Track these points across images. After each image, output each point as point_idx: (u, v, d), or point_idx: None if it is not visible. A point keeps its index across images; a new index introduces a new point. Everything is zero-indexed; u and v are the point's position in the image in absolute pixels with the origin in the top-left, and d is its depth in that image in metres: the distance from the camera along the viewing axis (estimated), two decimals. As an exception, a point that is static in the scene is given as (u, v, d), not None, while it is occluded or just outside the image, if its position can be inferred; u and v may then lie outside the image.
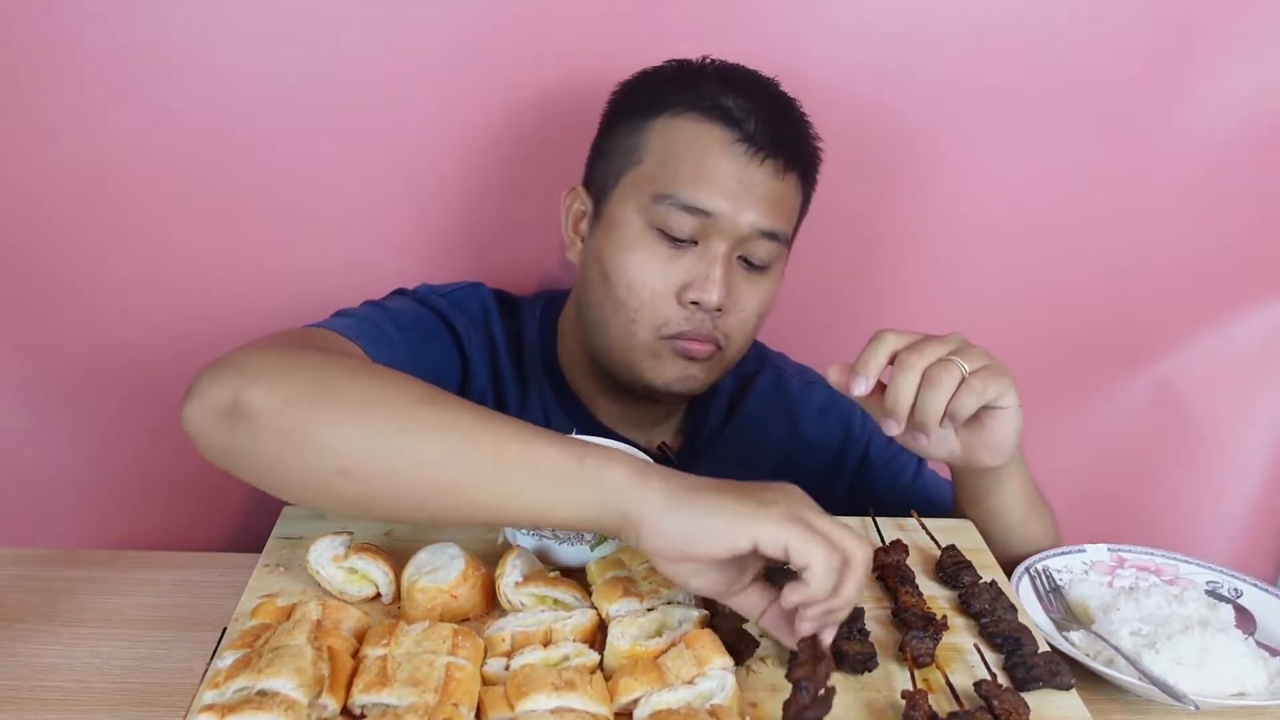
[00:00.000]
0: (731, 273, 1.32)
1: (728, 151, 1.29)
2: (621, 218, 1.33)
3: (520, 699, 0.88)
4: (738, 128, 1.30)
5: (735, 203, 1.29)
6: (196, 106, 1.53)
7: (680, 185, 1.29)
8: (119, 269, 1.63)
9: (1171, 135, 1.66)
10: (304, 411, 0.94)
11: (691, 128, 1.31)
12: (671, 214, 1.29)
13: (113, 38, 1.50)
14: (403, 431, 0.94)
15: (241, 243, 1.62)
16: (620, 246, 1.32)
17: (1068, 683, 1.02)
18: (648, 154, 1.33)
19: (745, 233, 1.30)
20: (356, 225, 1.64)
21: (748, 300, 1.34)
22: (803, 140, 1.37)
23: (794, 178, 1.34)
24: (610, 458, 0.95)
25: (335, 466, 0.93)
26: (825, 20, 1.58)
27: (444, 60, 1.54)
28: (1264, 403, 1.85)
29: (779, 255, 1.36)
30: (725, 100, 1.31)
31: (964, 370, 1.12)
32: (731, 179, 1.29)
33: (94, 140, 1.54)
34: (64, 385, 1.62)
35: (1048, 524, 1.36)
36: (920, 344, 1.14)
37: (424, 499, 0.95)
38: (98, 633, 1.16)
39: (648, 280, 1.31)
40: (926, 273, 1.74)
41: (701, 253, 1.30)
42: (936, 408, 1.11)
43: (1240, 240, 1.74)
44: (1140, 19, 1.59)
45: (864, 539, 0.93)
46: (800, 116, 1.39)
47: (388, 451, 0.94)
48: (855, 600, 0.94)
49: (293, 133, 1.57)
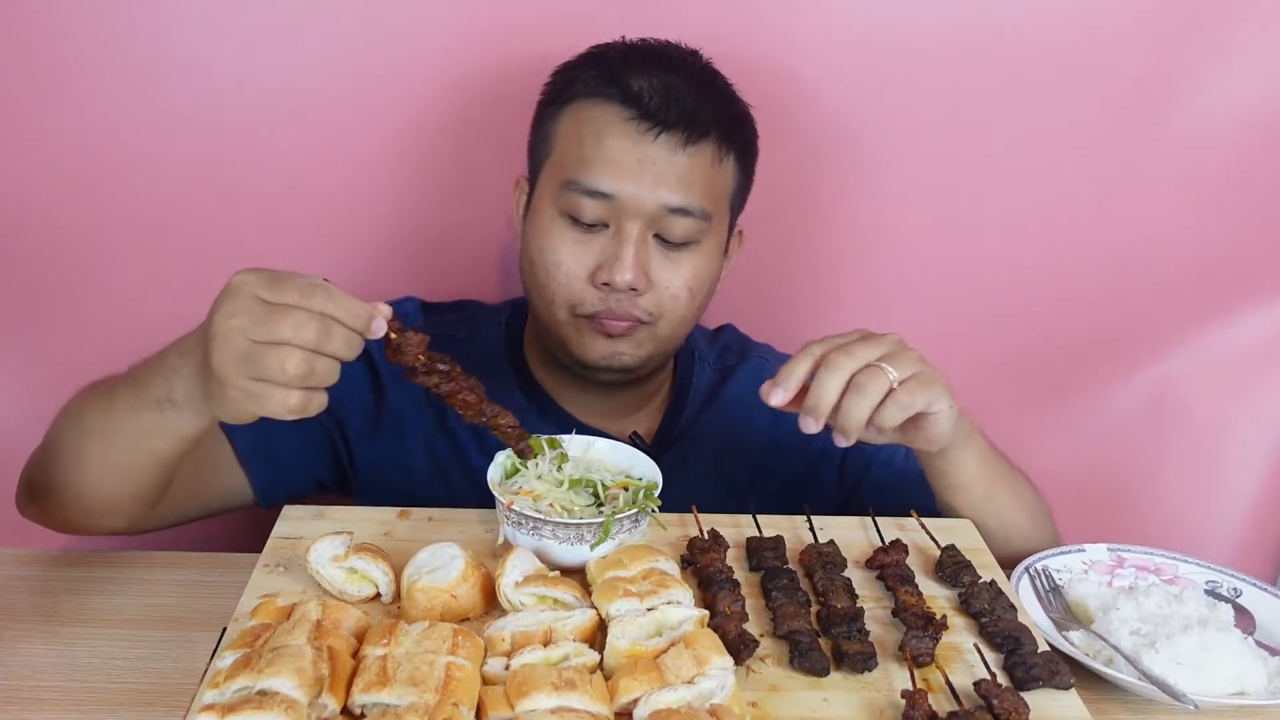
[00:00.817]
0: (645, 252, 1.31)
1: (624, 130, 1.29)
2: (539, 206, 1.36)
3: (520, 699, 0.89)
4: (634, 104, 1.29)
5: (637, 182, 1.29)
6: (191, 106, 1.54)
7: (581, 170, 1.30)
8: (119, 268, 1.63)
9: (1171, 135, 1.66)
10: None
11: (592, 110, 1.31)
12: (576, 199, 1.30)
13: (114, 37, 1.50)
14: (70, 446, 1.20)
15: (241, 241, 1.62)
16: (538, 234, 1.35)
17: (1067, 682, 1.02)
18: (557, 142, 1.35)
19: (653, 211, 1.29)
20: (356, 226, 1.64)
21: (671, 277, 1.33)
22: (720, 110, 1.34)
23: (708, 149, 1.32)
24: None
25: (86, 506, 1.22)
26: (826, 20, 1.58)
27: (407, 52, 1.55)
28: (1264, 402, 1.85)
29: (703, 230, 1.34)
30: (626, 79, 1.30)
31: (892, 379, 1.12)
32: (630, 157, 1.29)
33: (94, 140, 1.55)
34: (64, 384, 1.62)
35: (1019, 494, 1.35)
36: (852, 345, 1.13)
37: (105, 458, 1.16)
38: (98, 633, 1.16)
39: (562, 264, 1.32)
40: (926, 272, 1.74)
41: (613, 234, 1.31)
42: (859, 415, 1.11)
43: (1240, 240, 1.74)
44: (1140, 19, 1.59)
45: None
46: (719, 86, 1.36)
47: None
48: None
49: (294, 131, 1.57)
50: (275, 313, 0.96)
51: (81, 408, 1.21)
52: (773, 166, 1.46)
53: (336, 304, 0.97)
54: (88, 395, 1.22)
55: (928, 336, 1.47)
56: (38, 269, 1.62)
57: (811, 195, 1.68)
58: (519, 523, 1.14)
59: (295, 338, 0.95)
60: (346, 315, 0.98)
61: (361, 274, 1.60)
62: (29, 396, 1.64)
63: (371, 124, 1.58)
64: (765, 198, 1.47)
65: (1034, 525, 1.37)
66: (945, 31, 1.59)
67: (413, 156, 1.61)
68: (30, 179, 1.56)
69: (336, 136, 1.58)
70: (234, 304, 0.97)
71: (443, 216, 1.66)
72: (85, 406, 1.20)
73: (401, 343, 1.04)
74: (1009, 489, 1.34)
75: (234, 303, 0.97)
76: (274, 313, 0.96)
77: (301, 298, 0.96)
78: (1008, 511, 1.33)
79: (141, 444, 1.14)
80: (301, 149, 1.58)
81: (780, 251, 1.70)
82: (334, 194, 1.62)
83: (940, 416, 1.17)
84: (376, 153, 1.61)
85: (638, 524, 1.16)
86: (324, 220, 1.63)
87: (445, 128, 1.59)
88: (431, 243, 1.67)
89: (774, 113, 1.45)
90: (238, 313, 0.96)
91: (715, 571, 1.14)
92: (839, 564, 1.18)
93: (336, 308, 0.97)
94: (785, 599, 1.11)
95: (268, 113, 1.56)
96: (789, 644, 1.05)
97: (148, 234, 1.62)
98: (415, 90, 1.57)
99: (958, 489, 1.30)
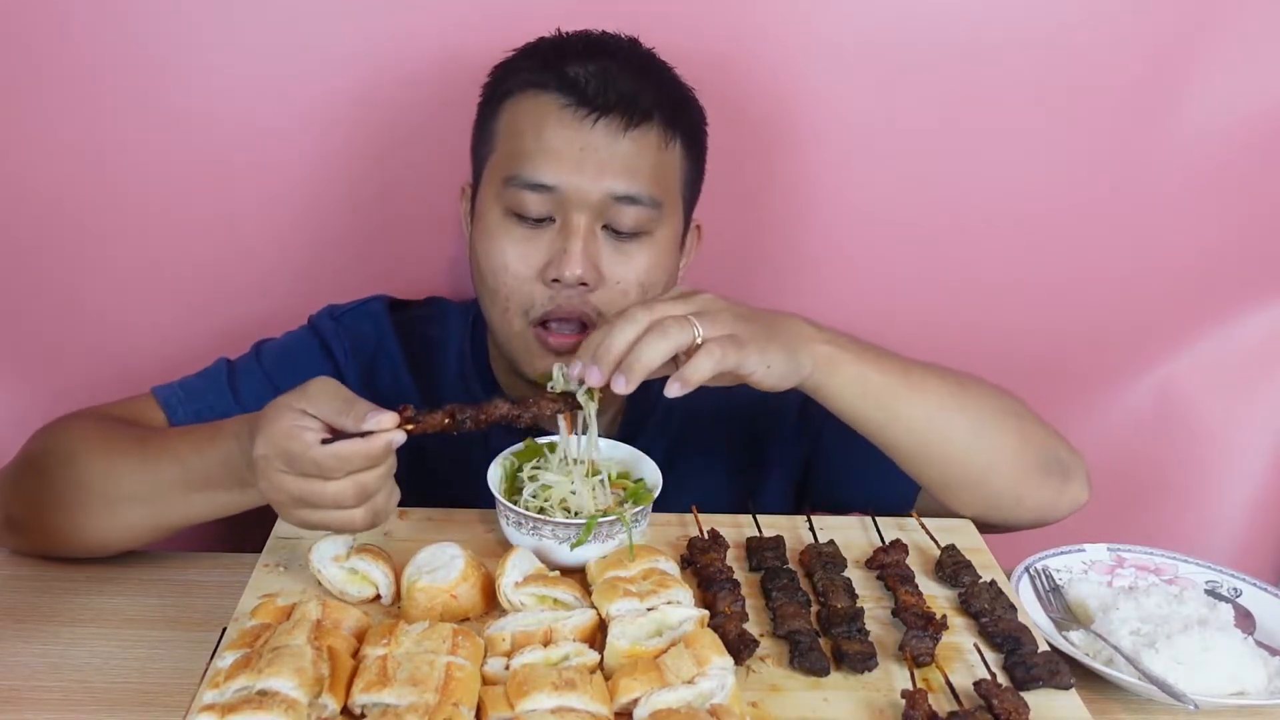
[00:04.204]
0: (594, 245, 1.26)
1: (561, 119, 1.24)
2: (482, 208, 1.32)
3: (520, 698, 0.89)
4: (571, 91, 1.25)
5: (578, 172, 1.24)
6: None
7: (522, 164, 1.26)
8: (119, 268, 1.63)
9: (1171, 136, 1.66)
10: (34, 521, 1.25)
11: (529, 103, 1.27)
12: (519, 195, 1.26)
13: (114, 37, 1.50)
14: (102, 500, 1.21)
15: (240, 240, 1.63)
16: (483, 236, 1.31)
17: (1067, 682, 1.02)
18: (498, 139, 1.31)
19: (599, 200, 1.25)
20: (354, 224, 1.64)
21: (622, 270, 1.28)
22: (661, 94, 1.29)
23: (652, 133, 1.27)
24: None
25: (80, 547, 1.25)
26: (826, 20, 1.58)
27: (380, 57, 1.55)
28: (1264, 403, 1.85)
29: (654, 220, 1.28)
30: (561, 67, 1.26)
31: (697, 335, 1.07)
32: (571, 146, 1.24)
33: (95, 139, 1.55)
34: (63, 384, 1.62)
35: (944, 408, 1.24)
36: (657, 301, 1.11)
37: (121, 520, 1.20)
38: (98, 633, 1.16)
39: (509, 264, 1.28)
40: (927, 272, 1.74)
41: (560, 228, 1.26)
42: (649, 356, 1.05)
43: (1241, 241, 1.74)
44: (1140, 20, 1.59)
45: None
46: (658, 70, 1.32)
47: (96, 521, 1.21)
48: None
49: (297, 130, 1.58)
50: (310, 488, 1.02)
51: (97, 464, 1.21)
52: (765, 162, 1.45)
53: (354, 461, 1.01)
54: (107, 452, 1.23)
55: (927, 337, 1.48)
56: (38, 268, 1.62)
57: (803, 195, 1.68)
58: (519, 523, 1.14)
59: (339, 504, 1.03)
60: (367, 462, 1.02)
61: (361, 276, 1.60)
62: (29, 395, 1.65)
63: (336, 118, 1.58)
64: (752, 194, 1.46)
65: (976, 434, 1.26)
66: (944, 33, 1.59)
67: (378, 152, 1.61)
68: (30, 178, 1.57)
69: (299, 130, 1.58)
70: (268, 481, 1.04)
71: (409, 212, 1.65)
72: (111, 466, 1.21)
73: (425, 428, 1.06)
74: (923, 409, 1.23)
75: (267, 480, 1.04)
76: (308, 489, 1.02)
77: (322, 471, 1.01)
78: (929, 430, 1.24)
79: (203, 512, 1.18)
80: (302, 154, 1.59)
81: (775, 250, 1.70)
82: (301, 190, 1.62)
83: (756, 377, 1.12)
84: (341, 148, 1.60)
85: (637, 524, 1.16)
86: (290, 217, 1.64)
87: (423, 121, 1.59)
88: (402, 239, 1.67)
89: (774, 113, 1.45)
90: (277, 490, 1.03)
91: (715, 571, 1.14)
92: (839, 564, 1.18)
93: (357, 464, 1.01)
94: (785, 599, 1.11)
95: (233, 109, 1.56)
96: (789, 644, 1.05)
97: (149, 233, 1.62)
98: (373, 84, 1.56)
99: (844, 418, 1.23)
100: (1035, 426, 1.33)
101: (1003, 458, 1.28)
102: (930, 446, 1.25)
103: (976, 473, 1.27)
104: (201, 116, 1.55)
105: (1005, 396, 1.32)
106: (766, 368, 1.12)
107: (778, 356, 1.13)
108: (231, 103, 1.55)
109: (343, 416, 1.02)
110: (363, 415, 1.01)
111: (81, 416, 1.33)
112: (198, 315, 1.66)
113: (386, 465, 1.05)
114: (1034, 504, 1.31)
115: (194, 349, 1.50)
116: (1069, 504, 1.33)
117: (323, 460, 1.00)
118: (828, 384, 1.19)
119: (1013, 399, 1.33)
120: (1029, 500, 1.30)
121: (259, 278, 1.65)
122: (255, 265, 1.65)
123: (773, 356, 1.12)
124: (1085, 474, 1.35)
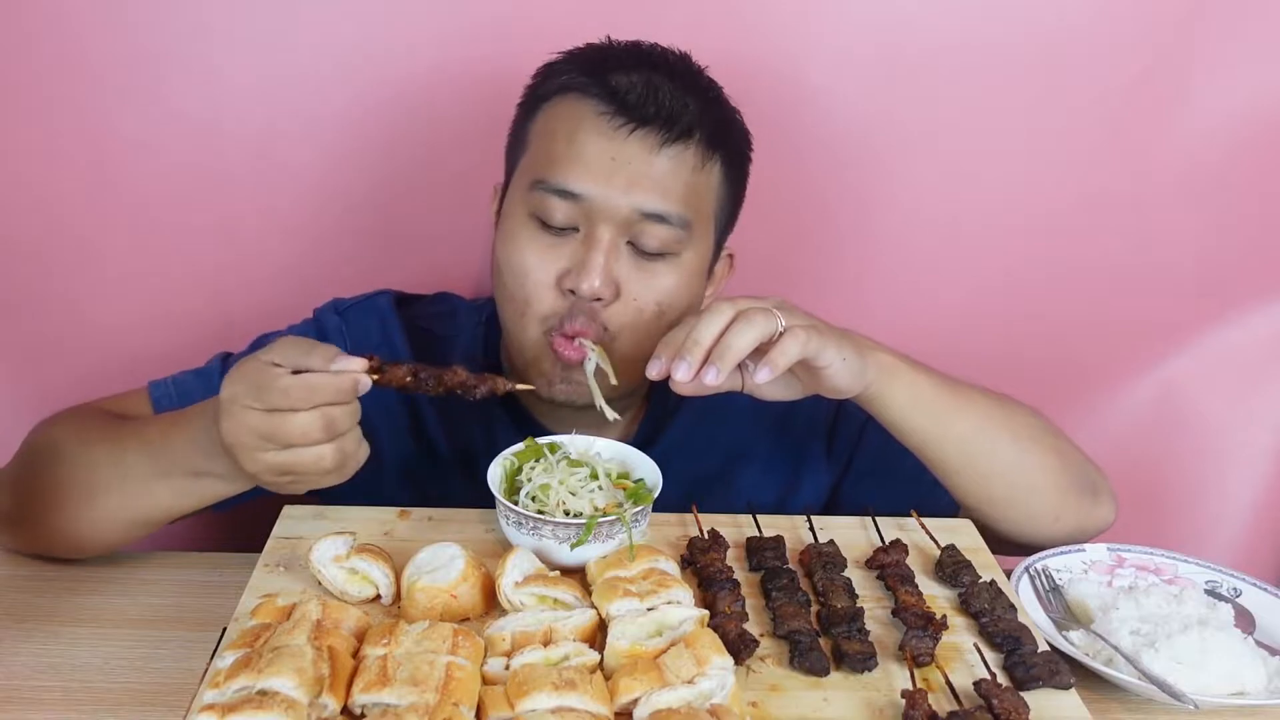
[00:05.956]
0: (616, 259, 1.23)
1: (597, 127, 1.21)
2: (509, 209, 1.29)
3: (520, 698, 0.89)
4: (610, 100, 1.21)
5: (608, 183, 1.20)
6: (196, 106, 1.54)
7: (551, 169, 1.23)
8: (118, 268, 1.64)
9: (1172, 136, 1.66)
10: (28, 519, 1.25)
11: (567, 108, 1.24)
12: (545, 199, 1.23)
13: (114, 38, 1.50)
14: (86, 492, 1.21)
15: (240, 241, 1.63)
16: (505, 238, 1.28)
17: (1067, 682, 1.02)
18: (532, 141, 1.28)
19: (625, 215, 1.21)
20: (352, 224, 1.64)
21: (641, 289, 1.24)
22: (706, 113, 1.25)
23: (690, 152, 1.23)
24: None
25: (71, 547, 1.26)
26: (826, 20, 1.58)
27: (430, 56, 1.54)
28: (1265, 403, 1.85)
29: (681, 241, 1.25)
30: (605, 75, 1.22)
31: (781, 323, 1.10)
32: (603, 155, 1.20)
33: (94, 139, 1.55)
34: (63, 383, 1.62)
35: (991, 425, 1.27)
36: (736, 297, 1.12)
37: (115, 513, 1.21)
38: (98, 633, 1.16)
39: (530, 270, 1.25)
40: (928, 272, 1.74)
41: (584, 239, 1.23)
42: (739, 344, 1.07)
43: (1242, 240, 1.74)
44: (1140, 19, 1.59)
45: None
46: (707, 87, 1.28)
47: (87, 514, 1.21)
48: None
49: (303, 131, 1.58)
50: (277, 423, 1.02)
51: (76, 456, 1.23)
52: (777, 170, 1.45)
53: (323, 393, 1.02)
54: (83, 442, 1.24)
55: (930, 338, 1.48)
56: (38, 267, 1.63)
57: (812, 199, 1.68)
58: (519, 523, 1.14)
59: (306, 439, 1.02)
60: (335, 395, 1.03)
61: (360, 275, 1.60)
62: (28, 395, 1.65)
63: (337, 118, 1.58)
64: (767, 204, 1.46)
65: (1020, 451, 1.28)
66: (945, 36, 1.59)
67: (379, 153, 1.61)
68: (31, 178, 1.57)
69: (300, 130, 1.58)
70: (231, 422, 1.04)
71: (432, 212, 1.65)
72: (87, 457, 1.22)
73: (389, 380, 1.09)
74: (971, 422, 1.25)
75: (231, 420, 1.04)
76: (276, 424, 1.02)
77: (290, 400, 1.01)
78: (976, 444, 1.26)
79: (170, 504, 1.20)
80: (265, 142, 1.59)
81: (782, 255, 1.69)
82: (301, 192, 1.62)
83: (832, 370, 1.14)
84: (342, 150, 1.61)
85: (637, 524, 1.16)
86: (291, 218, 1.64)
87: (439, 122, 1.59)
88: (420, 238, 1.67)
89: (780, 118, 1.45)
90: (241, 430, 1.03)
91: (715, 571, 1.14)
92: (839, 564, 1.18)
93: (326, 395, 1.02)
94: (785, 599, 1.11)
95: (234, 109, 1.56)
96: (789, 644, 1.05)
97: (149, 233, 1.62)
98: (405, 86, 1.57)
99: (896, 429, 1.25)
100: (1070, 446, 1.36)
101: (1044, 475, 1.30)
102: (978, 460, 1.27)
103: (1020, 489, 1.29)
104: (202, 116, 1.56)
105: (1040, 416, 1.35)
106: (842, 360, 1.14)
107: (851, 353, 1.16)
108: (233, 103, 1.56)
109: (309, 358, 1.03)
110: (331, 355, 1.04)
111: (74, 411, 1.34)
112: (198, 315, 1.66)
113: (354, 407, 1.05)
114: (1071, 522, 1.32)
115: (195, 349, 1.50)
116: (1098, 524, 1.36)
117: (291, 388, 1.01)
118: (886, 393, 1.22)
119: (1046, 419, 1.36)
120: (1066, 518, 1.32)
121: (259, 277, 1.65)
122: (255, 265, 1.65)
123: (848, 351, 1.15)
124: (1113, 496, 1.38)
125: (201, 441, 1.12)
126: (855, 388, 1.18)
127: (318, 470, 1.05)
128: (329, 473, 1.06)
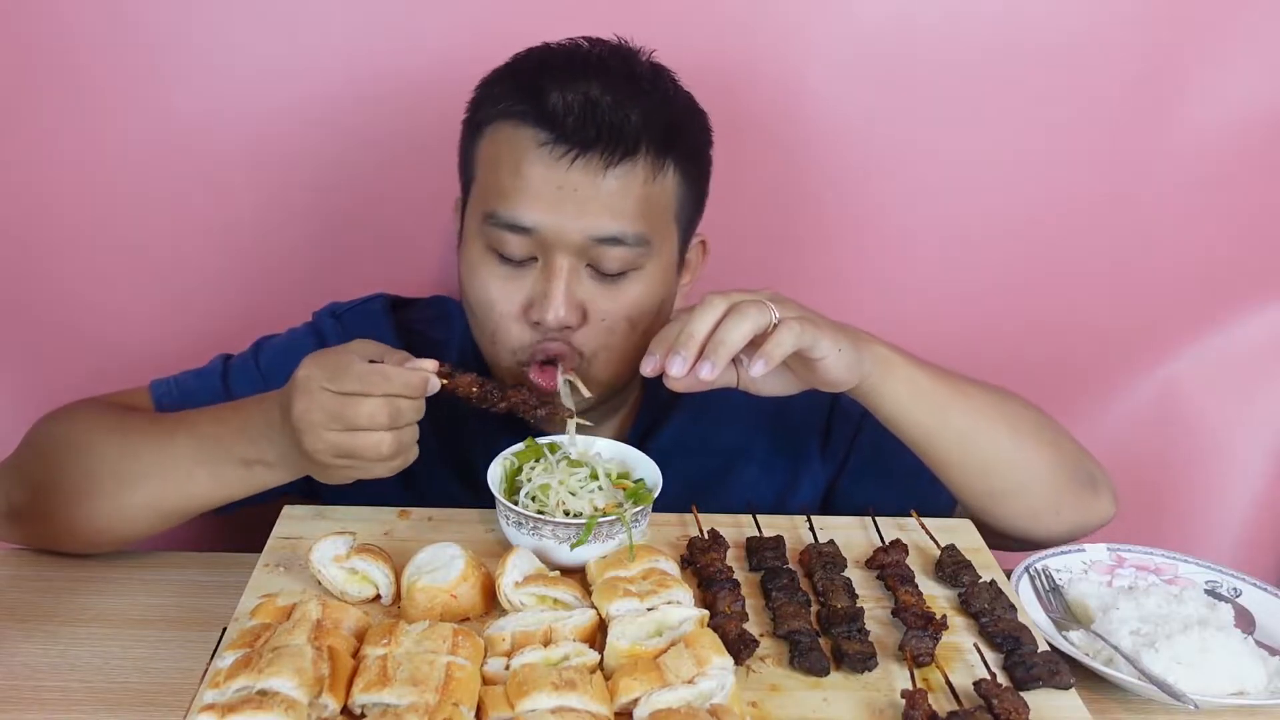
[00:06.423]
0: (578, 284, 1.21)
1: (539, 157, 1.17)
2: (467, 238, 1.27)
3: (520, 698, 0.89)
4: (549, 127, 1.16)
5: (558, 212, 1.17)
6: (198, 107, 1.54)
7: (500, 202, 1.19)
8: (118, 268, 1.64)
9: (1172, 136, 1.66)
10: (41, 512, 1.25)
11: (508, 135, 1.20)
12: (497, 234, 1.20)
13: (112, 38, 1.50)
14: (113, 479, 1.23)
15: (239, 242, 1.63)
16: (468, 269, 1.27)
17: (1067, 682, 1.02)
18: (479, 168, 1.25)
19: (580, 242, 1.18)
20: (351, 225, 1.65)
21: (608, 307, 1.22)
22: (651, 118, 1.20)
23: (639, 167, 1.19)
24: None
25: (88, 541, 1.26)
26: (826, 20, 1.58)
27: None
28: (1265, 403, 1.85)
29: (642, 256, 1.22)
30: (542, 98, 1.18)
31: (774, 315, 1.09)
32: (549, 185, 1.17)
33: (93, 139, 1.55)
34: (63, 383, 1.62)
35: (989, 418, 1.26)
36: (728, 290, 1.12)
37: (145, 501, 1.21)
38: (98, 633, 1.16)
39: (494, 303, 1.23)
40: (928, 272, 1.74)
41: (542, 268, 1.21)
42: (734, 337, 1.07)
43: (1242, 240, 1.74)
44: (1140, 21, 1.59)
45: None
46: (650, 88, 1.23)
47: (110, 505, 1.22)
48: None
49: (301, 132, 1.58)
50: (347, 405, 1.07)
51: (109, 445, 1.23)
52: (772, 171, 1.45)
53: (394, 383, 1.09)
54: (118, 430, 1.25)
55: (929, 339, 1.48)
56: (38, 267, 1.63)
57: (808, 199, 1.68)
58: (519, 523, 1.14)
59: (371, 424, 1.08)
60: (405, 389, 1.09)
61: (358, 274, 1.60)
62: (28, 395, 1.65)
63: (336, 118, 1.58)
64: (762, 205, 1.45)
65: (1019, 443, 1.27)
66: (944, 36, 1.59)
67: (380, 154, 1.61)
68: (31, 177, 1.57)
69: (300, 131, 1.58)
70: (305, 400, 1.08)
71: (432, 213, 1.64)
72: (125, 445, 1.23)
73: (456, 386, 1.17)
74: (969, 415, 1.25)
75: (305, 398, 1.08)
76: (346, 405, 1.07)
77: (363, 385, 1.07)
78: (974, 437, 1.25)
79: (208, 493, 1.22)
80: (265, 143, 1.59)
81: (776, 257, 1.69)
82: (300, 191, 1.62)
83: (828, 362, 1.13)
84: (340, 150, 1.60)
85: (637, 524, 1.16)
86: (289, 217, 1.64)
87: (438, 123, 1.57)
88: (420, 238, 1.67)
89: (773, 119, 1.44)
90: (313, 408, 1.08)
91: (715, 571, 1.14)
92: (839, 564, 1.18)
93: (396, 386, 1.09)
94: (785, 599, 1.11)
95: (233, 108, 1.56)
96: (789, 644, 1.05)
97: (150, 233, 1.62)
98: (403, 87, 1.56)
99: (894, 424, 1.25)
100: (1068, 439, 1.36)
101: (1043, 468, 1.30)
102: (976, 453, 1.26)
103: (1019, 483, 1.29)
104: (201, 116, 1.56)
105: (1038, 410, 1.34)
106: (838, 351, 1.14)
107: (846, 344, 1.15)
108: (231, 102, 1.56)
109: (384, 355, 1.11)
110: (404, 357, 1.12)
111: (86, 404, 1.33)
112: (197, 314, 1.66)
113: (419, 403, 1.11)
114: (1072, 516, 1.32)
115: (194, 348, 1.50)
116: (1099, 517, 1.35)
117: (366, 374, 1.07)
118: (882, 385, 1.21)
119: (1044, 413, 1.35)
120: (1067, 512, 1.32)
121: (258, 279, 1.65)
122: (255, 265, 1.65)
123: (843, 343, 1.15)
124: (1112, 489, 1.37)
125: (252, 430, 1.16)
126: (851, 380, 1.18)
127: (375, 456, 1.09)
128: (384, 460, 1.10)
